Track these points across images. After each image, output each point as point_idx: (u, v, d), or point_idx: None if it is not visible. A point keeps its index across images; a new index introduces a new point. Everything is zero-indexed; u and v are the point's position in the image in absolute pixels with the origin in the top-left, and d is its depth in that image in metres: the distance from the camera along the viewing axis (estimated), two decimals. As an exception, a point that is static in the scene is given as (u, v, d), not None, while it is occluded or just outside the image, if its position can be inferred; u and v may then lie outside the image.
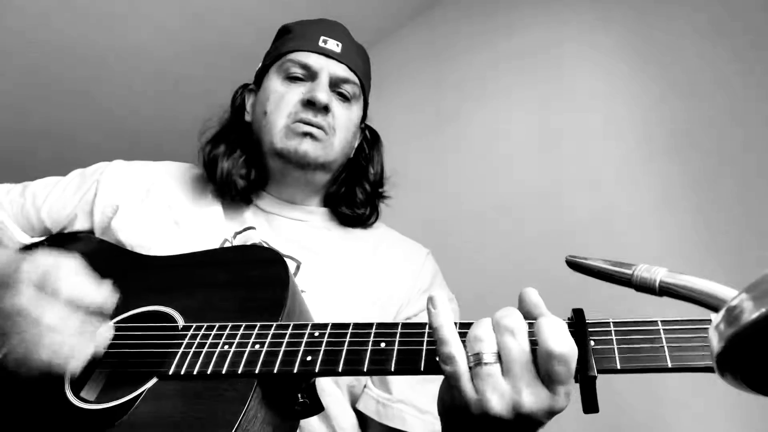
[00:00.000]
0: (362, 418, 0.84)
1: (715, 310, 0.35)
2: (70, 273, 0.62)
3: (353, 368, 0.56)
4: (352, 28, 1.06)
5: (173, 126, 2.77)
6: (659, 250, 1.41)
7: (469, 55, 2.09)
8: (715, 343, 0.28)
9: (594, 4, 1.79)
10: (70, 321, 0.59)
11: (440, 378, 0.60)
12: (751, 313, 0.25)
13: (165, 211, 0.90)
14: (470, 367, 0.50)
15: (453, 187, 1.95)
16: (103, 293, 0.62)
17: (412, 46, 2.31)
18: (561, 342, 0.48)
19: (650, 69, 1.60)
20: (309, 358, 0.57)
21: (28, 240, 0.90)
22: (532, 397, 0.49)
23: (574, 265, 0.50)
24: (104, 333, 0.63)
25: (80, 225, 0.90)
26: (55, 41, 2.32)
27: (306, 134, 0.89)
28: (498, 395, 0.49)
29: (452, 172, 1.98)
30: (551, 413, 0.50)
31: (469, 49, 2.10)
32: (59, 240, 0.90)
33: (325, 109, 0.90)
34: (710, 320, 0.50)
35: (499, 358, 0.50)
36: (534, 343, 0.50)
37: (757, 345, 0.27)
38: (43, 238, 0.91)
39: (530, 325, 0.52)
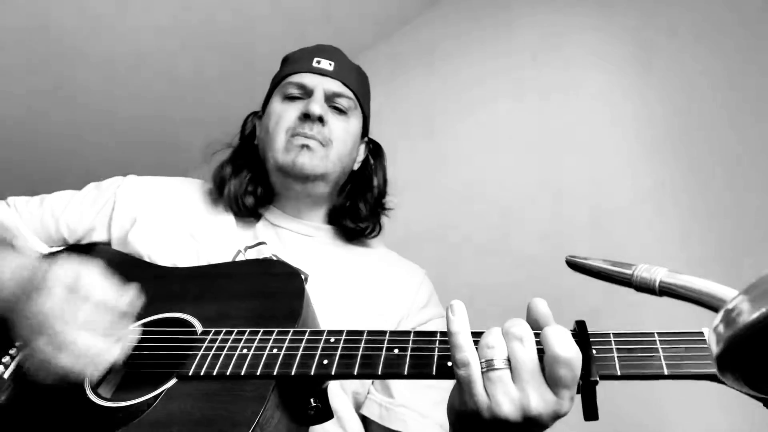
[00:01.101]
0: (365, 424, 0.87)
1: (715, 310, 0.35)
2: (98, 277, 0.64)
3: (368, 372, 0.59)
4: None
5: (176, 128, 2.77)
6: (659, 250, 1.41)
7: (469, 56, 2.09)
8: (715, 343, 0.28)
9: (594, 4, 1.79)
10: (99, 323, 0.61)
11: (440, 386, 0.60)
12: (750, 314, 0.25)
13: (181, 224, 0.94)
14: (482, 372, 0.53)
15: (452, 187, 1.95)
16: (129, 297, 0.65)
17: (412, 47, 2.31)
18: (566, 348, 0.51)
19: (651, 69, 1.60)
20: (325, 361, 0.60)
21: (46, 249, 0.92)
22: (539, 401, 0.52)
23: (574, 265, 0.51)
24: (130, 336, 0.65)
25: (97, 237, 0.94)
26: (56, 42, 2.32)
27: (303, 146, 0.94)
28: (508, 399, 0.52)
29: (452, 173, 1.98)
30: (556, 416, 0.53)
31: (469, 49, 2.10)
32: (77, 251, 0.92)
33: (320, 120, 0.96)
34: (702, 332, 0.54)
35: (509, 363, 0.53)
36: (541, 351, 0.53)
37: (757, 345, 0.27)
38: (61, 248, 0.93)
39: (536, 335, 0.54)
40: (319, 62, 1.01)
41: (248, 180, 0.99)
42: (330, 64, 1.02)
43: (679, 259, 1.36)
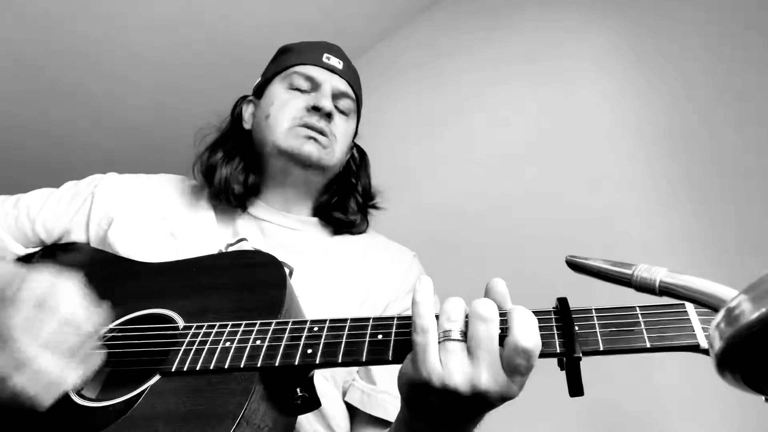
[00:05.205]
0: (350, 413, 0.86)
1: (715, 310, 0.35)
2: (72, 292, 0.61)
3: (352, 359, 0.58)
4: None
5: (172, 126, 2.77)
6: (659, 250, 1.42)
7: (469, 56, 2.09)
8: (715, 343, 0.28)
9: (594, 5, 1.79)
10: (63, 343, 0.58)
11: None
12: (750, 313, 0.26)
13: (160, 223, 0.92)
14: (439, 342, 0.54)
15: (452, 187, 1.95)
16: (99, 316, 0.62)
17: (412, 47, 2.31)
18: (528, 338, 0.52)
19: (650, 69, 1.60)
20: (309, 350, 0.59)
21: (23, 251, 0.90)
22: (490, 379, 0.53)
23: (574, 265, 0.51)
24: (94, 360, 0.62)
25: (76, 237, 0.91)
26: (55, 41, 2.32)
27: (309, 138, 0.93)
28: (461, 370, 0.53)
29: (452, 172, 1.98)
30: (504, 398, 0.54)
31: (469, 49, 2.10)
32: (54, 250, 0.91)
33: (329, 116, 0.95)
34: (684, 305, 0.55)
35: (465, 336, 0.54)
36: (503, 332, 0.54)
37: (757, 345, 0.27)
38: (37, 249, 0.91)
39: (502, 314, 0.56)
40: (329, 58, 1.01)
41: (241, 168, 0.97)
42: (339, 63, 1.02)
43: (680, 259, 1.37)
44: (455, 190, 1.94)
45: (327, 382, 0.83)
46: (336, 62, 1.01)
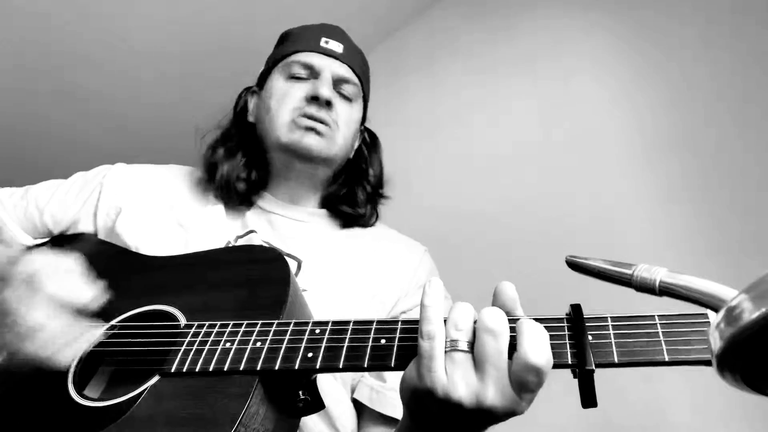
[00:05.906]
0: (358, 410, 0.84)
1: (715, 310, 0.35)
2: (60, 272, 0.62)
3: (354, 364, 0.57)
4: (352, 28, 1.08)
5: (174, 126, 2.77)
6: (659, 250, 1.42)
7: (469, 56, 2.09)
8: (715, 342, 0.28)
9: (593, 7, 1.79)
10: (55, 320, 0.60)
11: None
12: (750, 313, 0.25)
13: (168, 213, 0.91)
14: (446, 351, 0.52)
15: (453, 188, 1.95)
16: (90, 292, 0.63)
17: (412, 48, 2.31)
18: (540, 354, 0.49)
19: (649, 71, 1.60)
20: (310, 354, 0.57)
21: (31, 241, 0.90)
22: (497, 395, 0.50)
23: (574, 265, 0.50)
24: (87, 335, 0.63)
25: (84, 228, 0.91)
26: (55, 41, 2.31)
27: (310, 129, 0.91)
28: (465, 383, 0.50)
29: (452, 173, 1.98)
30: (510, 414, 0.51)
31: (469, 49, 2.10)
32: (61, 241, 0.90)
33: (328, 104, 0.92)
34: (706, 314, 0.51)
35: (472, 347, 0.52)
36: (513, 339, 0.51)
37: (757, 345, 0.27)
38: (45, 240, 0.91)
39: (511, 320, 0.53)
40: (327, 42, 0.98)
41: (243, 164, 0.95)
42: (339, 46, 0.98)
43: (680, 259, 1.37)
44: (455, 189, 1.94)
45: (335, 381, 0.81)
46: (335, 45, 0.98)
